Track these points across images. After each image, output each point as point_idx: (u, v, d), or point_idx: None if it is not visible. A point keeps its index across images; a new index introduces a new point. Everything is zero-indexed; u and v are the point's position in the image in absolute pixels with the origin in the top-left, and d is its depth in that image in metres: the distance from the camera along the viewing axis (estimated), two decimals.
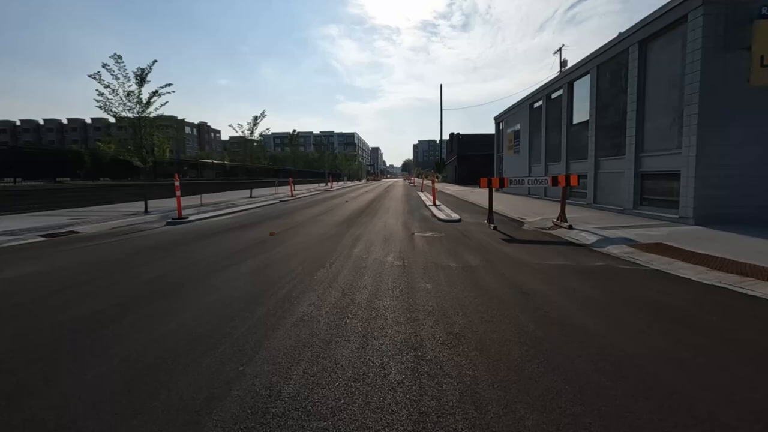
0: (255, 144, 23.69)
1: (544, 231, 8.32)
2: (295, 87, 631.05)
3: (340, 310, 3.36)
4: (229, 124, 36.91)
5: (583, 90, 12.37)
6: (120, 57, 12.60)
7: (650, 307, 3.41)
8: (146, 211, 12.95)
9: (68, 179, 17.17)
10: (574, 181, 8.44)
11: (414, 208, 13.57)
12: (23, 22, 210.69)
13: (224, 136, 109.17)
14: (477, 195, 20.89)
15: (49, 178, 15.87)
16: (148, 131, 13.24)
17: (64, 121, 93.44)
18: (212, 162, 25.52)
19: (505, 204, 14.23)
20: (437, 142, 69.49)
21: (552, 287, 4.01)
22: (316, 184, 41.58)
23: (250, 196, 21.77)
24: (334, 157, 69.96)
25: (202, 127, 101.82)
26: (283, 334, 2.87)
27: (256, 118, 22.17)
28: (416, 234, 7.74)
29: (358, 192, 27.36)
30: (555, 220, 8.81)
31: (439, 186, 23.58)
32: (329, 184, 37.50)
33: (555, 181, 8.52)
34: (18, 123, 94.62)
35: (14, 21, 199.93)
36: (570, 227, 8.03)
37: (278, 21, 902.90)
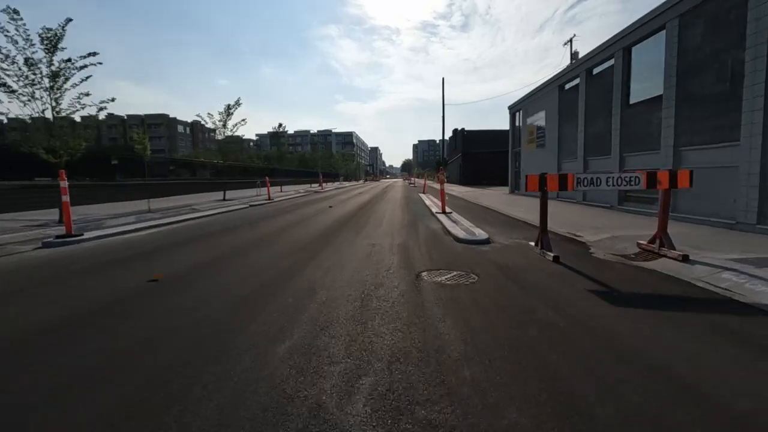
0: (249, 142, 20.57)
1: (634, 262, 4.97)
2: (294, 87, 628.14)
3: None
4: (197, 113, 32.89)
5: (650, 55, 8.99)
6: (17, 12, 9.22)
7: None
8: (60, 221, 9.67)
9: (50, 179, 16.52)
10: (684, 180, 5.09)
11: (417, 217, 10.17)
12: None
13: (220, 135, 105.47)
14: (489, 198, 17.59)
15: (29, 177, 15.22)
16: (60, 116, 9.90)
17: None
18: (189, 160, 22.16)
19: (528, 209, 10.82)
20: (437, 141, 66.23)
21: None
22: (308, 185, 38.27)
23: (223, 199, 18.50)
24: (330, 155, 66.49)
25: (196, 126, 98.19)
26: None
27: (229, 107, 18.77)
28: (425, 277, 4.29)
29: (351, 194, 23.92)
30: (644, 243, 5.44)
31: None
32: (320, 185, 34.09)
33: (653, 180, 5.17)
34: (5, 120, 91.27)
35: None
36: (686, 258, 4.68)
37: (278, 21, 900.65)
